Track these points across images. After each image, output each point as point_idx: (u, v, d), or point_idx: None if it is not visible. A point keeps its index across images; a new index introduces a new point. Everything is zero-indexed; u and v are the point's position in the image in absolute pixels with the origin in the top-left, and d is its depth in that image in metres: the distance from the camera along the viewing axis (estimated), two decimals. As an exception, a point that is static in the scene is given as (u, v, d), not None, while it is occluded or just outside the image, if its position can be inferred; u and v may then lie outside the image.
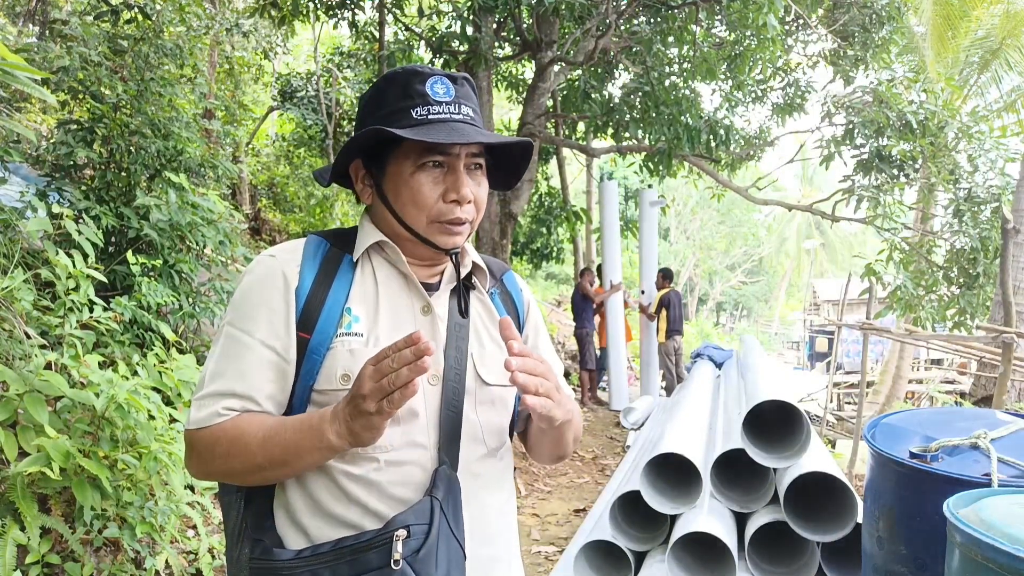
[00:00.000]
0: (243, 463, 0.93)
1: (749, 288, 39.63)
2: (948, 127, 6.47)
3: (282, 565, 0.91)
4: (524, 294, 1.21)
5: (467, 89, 1.03)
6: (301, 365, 0.97)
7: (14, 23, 7.57)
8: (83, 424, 2.24)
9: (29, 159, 4.53)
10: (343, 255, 1.04)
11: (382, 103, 1.02)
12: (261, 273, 1.00)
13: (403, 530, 0.88)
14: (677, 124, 6.66)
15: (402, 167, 1.00)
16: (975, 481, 1.16)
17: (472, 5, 6.06)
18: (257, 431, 0.93)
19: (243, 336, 0.97)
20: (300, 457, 0.91)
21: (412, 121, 0.98)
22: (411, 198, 1.00)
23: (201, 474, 1.00)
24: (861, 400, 6.28)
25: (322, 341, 0.97)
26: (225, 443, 0.93)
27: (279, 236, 9.96)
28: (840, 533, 2.16)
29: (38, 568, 2.05)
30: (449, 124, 0.98)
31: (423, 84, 0.99)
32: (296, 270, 1.00)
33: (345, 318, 0.99)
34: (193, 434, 0.96)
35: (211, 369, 0.97)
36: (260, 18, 7.64)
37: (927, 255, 7.41)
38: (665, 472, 2.53)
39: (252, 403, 0.95)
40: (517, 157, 1.11)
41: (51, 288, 2.98)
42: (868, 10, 7.49)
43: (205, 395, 0.95)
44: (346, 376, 0.96)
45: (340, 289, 1.01)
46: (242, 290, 1.01)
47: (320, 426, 0.89)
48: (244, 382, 0.95)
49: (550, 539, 3.94)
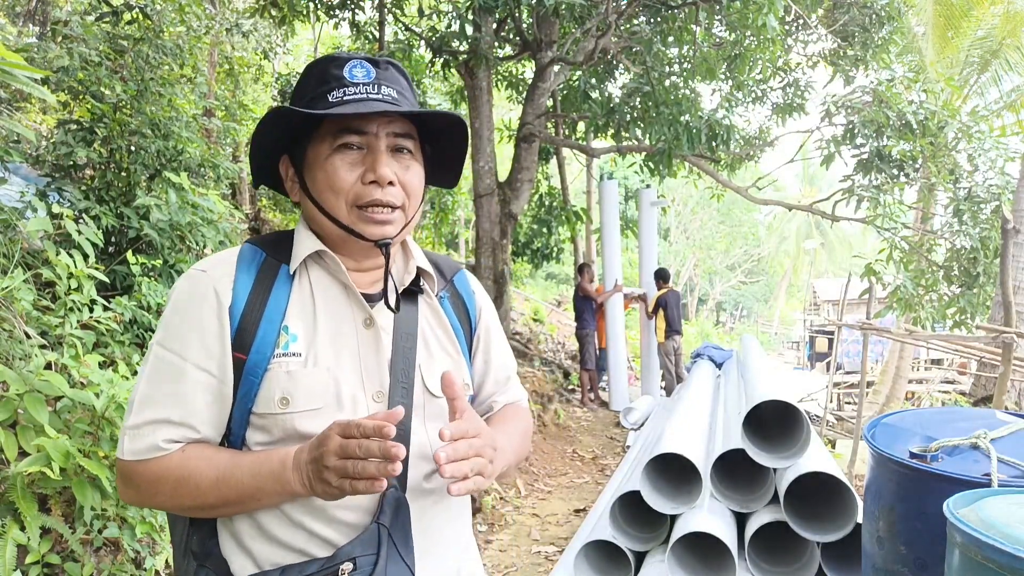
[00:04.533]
0: (192, 501, 0.90)
1: (749, 288, 39.63)
2: (948, 127, 6.47)
3: None
4: (476, 296, 1.16)
5: (392, 72, 0.98)
6: (238, 388, 0.92)
7: (14, 23, 7.57)
8: (83, 424, 2.24)
9: (29, 159, 4.53)
10: (280, 266, 0.98)
11: (302, 92, 0.98)
12: (192, 290, 0.94)
13: (349, 563, 0.85)
14: (677, 124, 6.67)
15: (319, 152, 0.95)
16: (975, 481, 1.16)
17: (472, 5, 6.06)
18: (208, 471, 0.88)
19: (175, 359, 0.91)
20: (258, 500, 0.89)
21: (327, 104, 0.93)
22: (327, 182, 0.94)
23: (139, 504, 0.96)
24: (861, 400, 6.28)
25: (259, 362, 0.91)
26: (171, 481, 0.89)
27: (279, 236, 9.95)
28: (840, 533, 2.16)
29: (38, 568, 2.05)
30: (365, 102, 0.93)
31: (340, 68, 0.95)
32: (229, 286, 0.94)
33: (282, 337, 0.93)
34: (131, 466, 0.90)
35: (142, 393, 0.91)
36: (260, 18, 7.64)
37: (927, 255, 7.41)
38: (665, 472, 2.53)
39: (191, 430, 0.90)
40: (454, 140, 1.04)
41: (51, 288, 2.98)
42: (868, 10, 7.50)
43: (141, 424, 0.89)
44: (285, 400, 0.91)
45: (276, 305, 0.94)
46: (172, 308, 0.94)
47: (282, 474, 0.86)
48: (180, 408, 0.90)
49: (550, 539, 3.94)
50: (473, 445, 0.87)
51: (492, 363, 1.16)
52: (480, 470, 0.88)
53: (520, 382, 1.25)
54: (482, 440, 0.89)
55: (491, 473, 0.91)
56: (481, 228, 7.40)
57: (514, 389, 1.20)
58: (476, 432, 0.89)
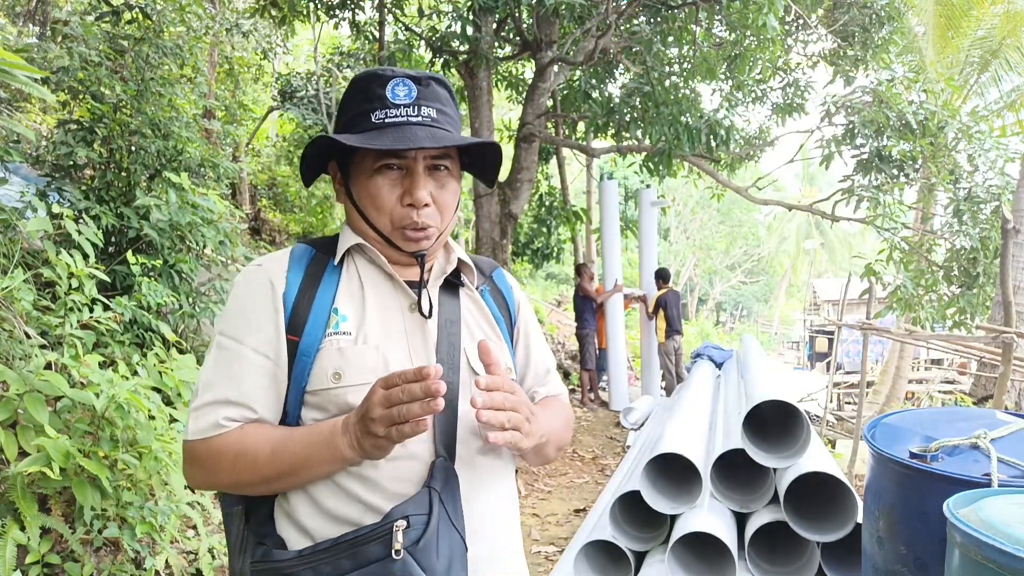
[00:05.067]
0: (251, 475, 0.94)
1: (749, 288, 39.63)
2: (948, 127, 6.47)
3: (284, 564, 0.92)
4: (515, 291, 1.22)
5: (434, 89, 1.03)
6: (292, 368, 0.98)
7: (14, 23, 7.57)
8: (83, 424, 2.24)
9: (29, 159, 4.53)
10: (328, 260, 1.05)
11: (347, 108, 1.04)
12: (249, 282, 1.02)
13: (402, 520, 0.88)
14: (677, 124, 6.66)
15: (362, 170, 1.02)
16: (975, 481, 1.16)
17: (472, 5, 6.06)
18: (264, 444, 0.94)
19: (234, 344, 0.98)
20: (312, 468, 0.93)
21: (370, 125, 0.99)
22: (371, 201, 1.02)
23: (203, 485, 1.00)
24: (861, 400, 6.28)
25: (311, 343, 0.98)
26: (231, 455, 0.94)
27: (279, 236, 9.97)
28: (840, 533, 2.16)
29: (38, 568, 2.05)
30: (404, 127, 0.98)
31: (383, 87, 1.00)
32: (283, 276, 1.01)
33: (333, 318, 1.00)
34: (194, 445, 0.96)
35: (205, 379, 0.98)
36: (260, 18, 7.64)
37: (927, 255, 7.41)
38: (665, 472, 2.53)
39: (248, 411, 0.96)
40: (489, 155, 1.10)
41: (51, 288, 2.98)
42: (868, 10, 7.50)
43: (201, 405, 0.96)
44: (337, 374, 0.96)
45: (327, 291, 1.02)
46: (231, 299, 1.02)
47: (332, 440, 0.90)
48: (238, 389, 0.96)
49: (550, 539, 3.94)
50: (509, 399, 0.91)
51: (532, 356, 1.21)
52: (517, 425, 0.91)
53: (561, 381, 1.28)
54: (518, 397, 0.94)
55: (528, 433, 0.94)
56: (481, 228, 7.40)
57: (554, 383, 1.24)
58: (512, 388, 0.93)
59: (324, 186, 11.22)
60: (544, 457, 1.15)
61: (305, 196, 10.69)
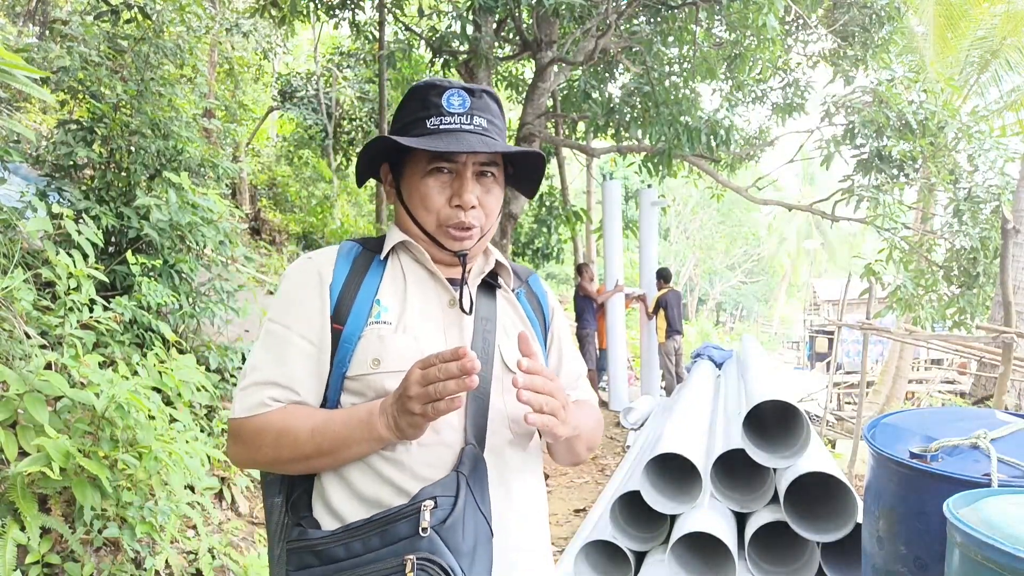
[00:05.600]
0: (291, 452, 0.99)
1: (749, 288, 39.62)
2: (948, 127, 6.47)
3: (316, 542, 0.96)
4: (549, 297, 1.26)
5: (485, 101, 1.09)
6: (335, 355, 1.03)
7: (14, 23, 7.57)
8: (83, 424, 2.24)
9: (29, 159, 4.53)
10: (374, 256, 1.12)
11: (403, 114, 1.09)
12: (298, 272, 1.09)
13: (430, 500, 0.92)
14: (677, 124, 6.66)
15: (415, 172, 1.08)
16: (975, 481, 1.16)
17: (472, 5, 6.06)
18: (305, 422, 0.99)
19: (281, 330, 1.05)
20: (349, 447, 0.98)
21: (425, 130, 1.05)
22: (421, 201, 1.07)
23: (245, 462, 1.06)
24: (861, 400, 6.28)
25: (354, 331, 1.03)
26: (273, 433, 1.00)
27: (279, 236, 9.96)
28: (840, 533, 2.16)
29: (38, 568, 2.05)
30: (457, 133, 1.04)
31: (439, 96, 1.06)
32: (331, 268, 1.08)
33: (375, 308, 1.06)
34: (240, 423, 1.02)
35: (252, 362, 1.05)
36: (260, 18, 7.64)
37: (927, 255, 7.41)
38: (665, 472, 2.53)
39: (292, 392, 1.02)
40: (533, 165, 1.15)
41: (51, 288, 2.98)
42: (868, 10, 7.49)
43: (248, 385, 1.02)
44: (376, 360, 1.01)
45: (371, 284, 1.08)
46: (282, 288, 1.09)
47: (369, 419, 0.96)
48: (283, 372, 1.02)
49: (550, 539, 3.94)
50: (548, 384, 0.95)
51: (564, 362, 1.25)
52: (554, 410, 0.95)
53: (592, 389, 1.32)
54: (556, 384, 0.97)
55: (564, 420, 0.98)
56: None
57: (584, 389, 1.29)
58: (551, 376, 0.98)
59: (324, 186, 11.23)
60: (575, 455, 1.19)
61: (305, 196, 10.69)
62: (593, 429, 1.21)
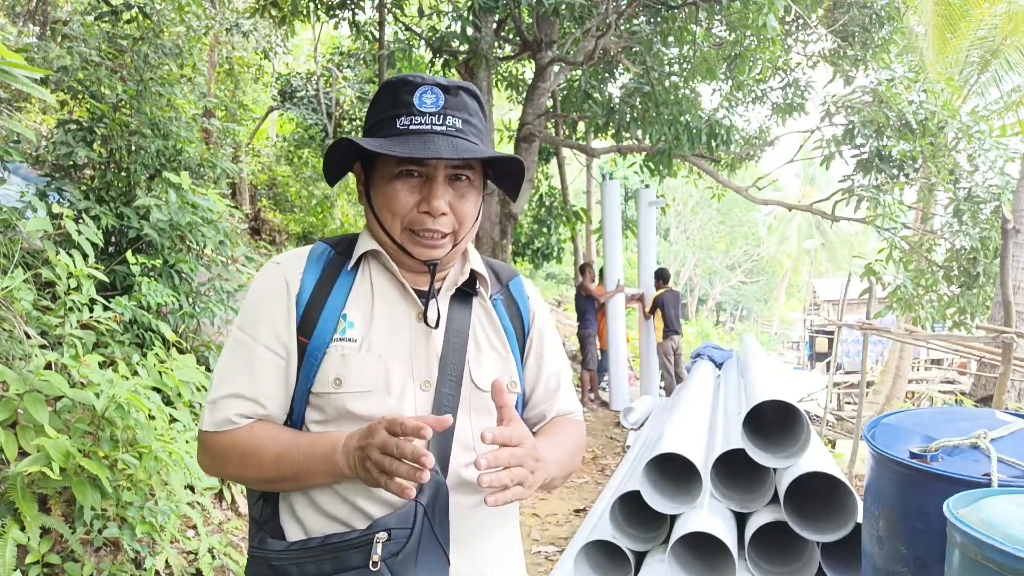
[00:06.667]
0: (256, 474, 1.00)
1: (749, 288, 39.60)
2: (948, 127, 6.47)
3: (273, 556, 0.96)
4: (531, 301, 1.20)
5: (462, 99, 1.02)
6: (300, 369, 1.01)
7: (14, 23, 7.57)
8: (83, 424, 2.24)
9: (29, 159, 4.53)
10: (344, 262, 1.07)
11: (374, 111, 1.04)
12: (266, 280, 1.05)
13: (384, 533, 0.91)
14: (677, 124, 6.67)
15: (384, 175, 1.02)
16: (975, 481, 1.16)
17: (472, 5, 6.06)
18: (270, 447, 0.98)
19: (248, 340, 1.02)
20: (311, 477, 0.97)
21: (394, 131, 0.99)
22: (387, 204, 1.02)
23: (213, 474, 1.06)
24: (861, 400, 6.28)
25: (319, 346, 1.00)
26: (239, 453, 0.99)
27: (279, 236, 9.96)
28: (840, 533, 2.16)
29: (38, 568, 2.05)
30: (427, 136, 0.98)
31: (411, 94, 1.00)
32: (298, 277, 1.04)
33: (341, 324, 1.02)
34: (208, 436, 1.01)
35: (220, 373, 1.03)
36: (260, 18, 7.64)
37: (927, 255, 7.41)
38: (665, 472, 2.53)
39: (258, 406, 1.00)
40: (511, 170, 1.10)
41: (51, 288, 2.98)
42: (868, 10, 7.50)
43: (216, 398, 1.01)
44: (338, 380, 0.99)
45: (339, 295, 1.04)
46: (249, 296, 1.06)
47: (332, 456, 0.94)
48: (250, 385, 1.00)
49: (550, 539, 3.94)
50: (515, 455, 0.90)
51: (544, 368, 1.19)
52: (520, 480, 0.91)
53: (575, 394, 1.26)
54: (524, 450, 0.92)
55: (531, 484, 0.93)
56: (481, 228, 7.39)
57: (566, 399, 1.21)
58: (519, 441, 0.92)
59: (324, 186, 11.21)
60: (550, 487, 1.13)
61: (305, 196, 10.69)
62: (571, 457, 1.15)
